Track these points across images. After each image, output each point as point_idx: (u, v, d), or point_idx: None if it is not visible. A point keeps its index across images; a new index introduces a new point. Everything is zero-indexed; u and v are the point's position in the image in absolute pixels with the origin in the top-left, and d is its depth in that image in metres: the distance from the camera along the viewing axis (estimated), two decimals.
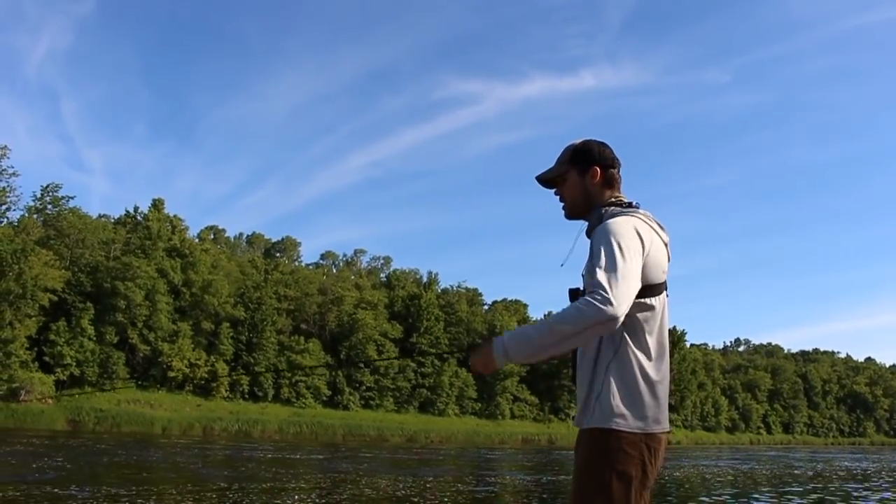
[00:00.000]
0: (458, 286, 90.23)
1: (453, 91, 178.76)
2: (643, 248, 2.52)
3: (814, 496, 19.18)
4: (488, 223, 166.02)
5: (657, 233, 2.65)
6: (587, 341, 2.47)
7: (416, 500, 14.77)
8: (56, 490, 13.45)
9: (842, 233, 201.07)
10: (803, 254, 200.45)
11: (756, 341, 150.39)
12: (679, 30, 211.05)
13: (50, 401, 49.47)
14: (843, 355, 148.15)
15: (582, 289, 2.56)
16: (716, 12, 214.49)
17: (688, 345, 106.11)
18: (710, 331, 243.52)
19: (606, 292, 2.30)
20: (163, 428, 50.31)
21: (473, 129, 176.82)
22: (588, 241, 2.72)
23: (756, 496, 18.69)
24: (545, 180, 2.91)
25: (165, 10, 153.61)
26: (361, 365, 70.28)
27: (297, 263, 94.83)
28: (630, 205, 2.73)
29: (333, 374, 68.75)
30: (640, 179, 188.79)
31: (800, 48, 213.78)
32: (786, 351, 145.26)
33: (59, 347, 52.37)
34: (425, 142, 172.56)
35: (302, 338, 68.77)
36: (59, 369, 52.20)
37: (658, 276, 2.59)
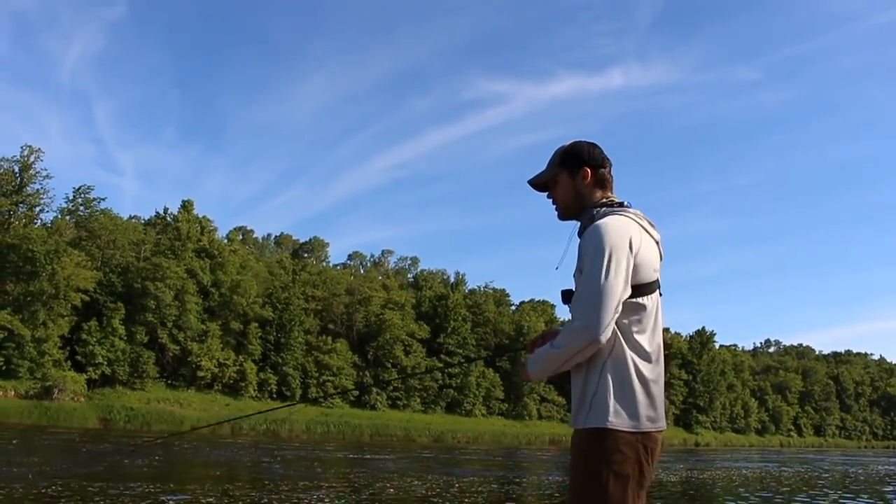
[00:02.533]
0: (486, 286, 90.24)
1: (481, 91, 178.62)
2: (632, 249, 2.53)
3: (857, 500, 18.92)
4: (516, 223, 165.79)
5: (648, 231, 2.65)
6: (583, 359, 2.56)
7: (439, 500, 14.78)
8: (92, 487, 13.62)
9: (875, 231, 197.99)
10: (835, 253, 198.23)
11: (787, 342, 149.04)
12: (710, 26, 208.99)
13: (82, 399, 50.23)
14: (876, 357, 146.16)
15: (575, 289, 2.61)
16: (747, 8, 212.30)
17: (717, 346, 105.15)
18: (740, 332, 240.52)
19: (589, 318, 2.43)
20: (192, 427, 50.72)
21: (501, 130, 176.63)
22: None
23: (795, 500, 18.49)
24: (537, 184, 2.91)
25: (195, 14, 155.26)
26: (388, 366, 70.33)
27: (324, 264, 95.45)
28: (621, 205, 2.72)
29: (361, 374, 69.00)
30: (670, 178, 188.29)
31: (833, 44, 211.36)
32: (817, 352, 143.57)
33: (90, 347, 53.07)
34: (452, 142, 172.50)
35: (329, 338, 69.08)
36: (90, 368, 52.91)
37: (649, 275, 2.59)
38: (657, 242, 2.68)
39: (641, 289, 2.55)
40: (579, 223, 2.78)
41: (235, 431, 51.64)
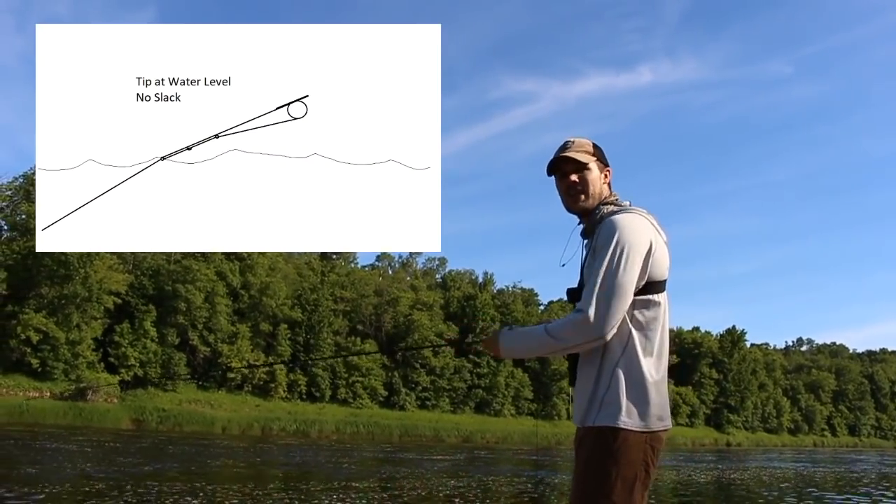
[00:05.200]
0: (514, 286, 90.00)
1: (508, 91, 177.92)
2: (649, 247, 2.53)
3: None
4: (544, 223, 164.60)
5: (658, 231, 2.64)
6: (575, 351, 2.59)
7: (468, 500, 14.78)
8: (128, 486, 13.79)
9: None
10: (870, 250, 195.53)
11: (819, 341, 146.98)
12: (740, 21, 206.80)
13: (115, 400, 50.92)
14: None
15: (584, 282, 2.59)
16: (777, 2, 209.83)
17: (748, 344, 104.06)
18: (771, 330, 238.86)
19: (596, 314, 2.42)
20: (223, 428, 51.22)
21: (529, 129, 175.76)
22: (582, 241, 2.78)
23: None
24: (569, 164, 2.77)
25: (223, 18, 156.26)
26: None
27: (353, 265, 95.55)
28: (629, 205, 2.72)
29: (390, 375, 69.18)
30: (700, 175, 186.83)
31: (866, 36, 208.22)
32: (851, 351, 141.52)
33: (123, 349, 53.76)
34: (480, 142, 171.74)
35: (358, 339, 69.34)
36: (123, 370, 53.59)
37: (663, 273, 2.59)
38: (665, 243, 2.67)
39: (656, 286, 2.55)
40: (582, 221, 2.78)
41: (266, 432, 52.05)
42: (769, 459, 46.16)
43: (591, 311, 2.41)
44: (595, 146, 2.81)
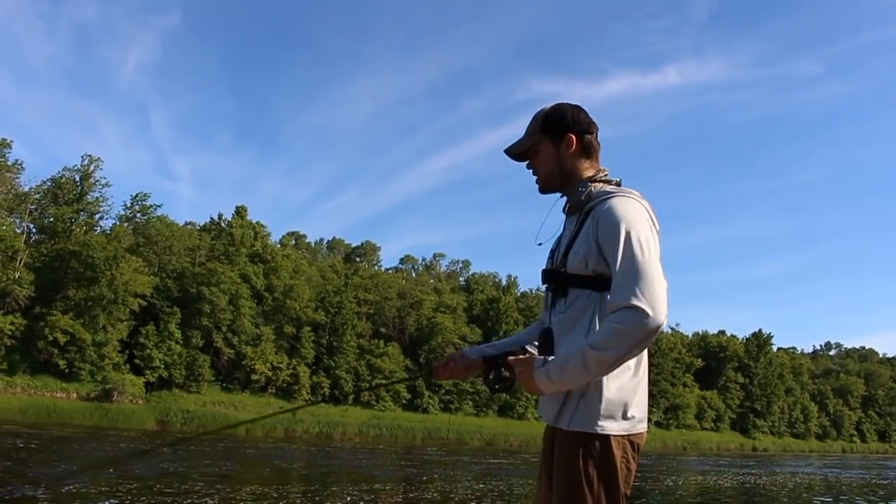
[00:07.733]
0: (538, 289, 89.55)
1: (534, 92, 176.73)
2: (656, 235, 2.30)
3: None
4: None
5: (654, 221, 2.38)
6: (633, 356, 2.24)
7: (487, 502, 14.68)
8: (159, 485, 13.83)
9: None
10: None
11: (848, 345, 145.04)
12: (769, 19, 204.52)
13: (140, 401, 51.35)
14: None
15: (564, 271, 2.40)
16: None
17: (774, 348, 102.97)
18: (799, 334, 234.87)
19: (642, 302, 2.10)
20: (246, 429, 51.36)
21: None
22: (565, 217, 2.55)
23: None
24: (515, 153, 2.66)
25: (247, 20, 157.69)
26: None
27: (376, 268, 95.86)
28: (619, 184, 2.48)
29: (413, 377, 69.19)
30: (727, 176, 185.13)
31: None
32: (881, 355, 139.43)
33: (148, 350, 54.17)
34: (505, 144, 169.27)
35: (381, 341, 69.40)
36: (148, 371, 54.02)
37: None
38: (657, 233, 2.40)
39: None
40: (567, 198, 2.56)
41: (289, 434, 52.15)
42: (802, 465, 45.54)
43: (638, 300, 2.10)
44: (546, 117, 2.59)
